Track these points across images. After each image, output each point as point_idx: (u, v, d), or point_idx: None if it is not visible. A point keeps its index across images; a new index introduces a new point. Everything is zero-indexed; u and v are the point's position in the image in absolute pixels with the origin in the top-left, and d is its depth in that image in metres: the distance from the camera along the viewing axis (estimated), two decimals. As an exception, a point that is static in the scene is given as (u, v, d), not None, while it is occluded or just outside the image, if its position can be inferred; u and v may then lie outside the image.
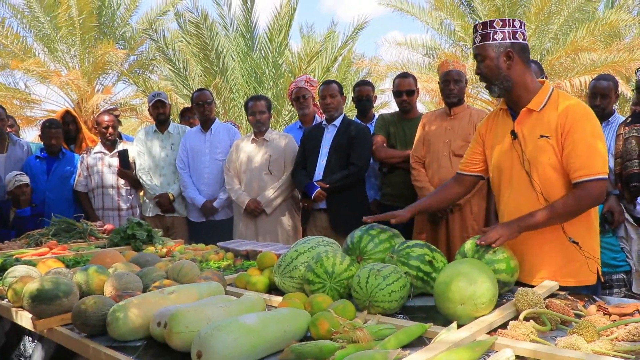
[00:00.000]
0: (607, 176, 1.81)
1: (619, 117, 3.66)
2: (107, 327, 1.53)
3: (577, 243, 1.88)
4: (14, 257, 2.45)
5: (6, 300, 1.94)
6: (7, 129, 4.56)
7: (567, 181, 1.86)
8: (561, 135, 1.82)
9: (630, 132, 3.05)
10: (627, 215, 3.03)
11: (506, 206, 2.01)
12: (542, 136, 1.86)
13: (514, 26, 1.89)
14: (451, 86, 3.24)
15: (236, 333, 1.30)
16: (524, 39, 1.91)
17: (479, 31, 1.91)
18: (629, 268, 3.04)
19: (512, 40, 1.88)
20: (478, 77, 1.98)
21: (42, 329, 1.68)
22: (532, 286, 1.76)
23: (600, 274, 1.94)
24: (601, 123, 3.62)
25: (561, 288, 1.82)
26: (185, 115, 5.31)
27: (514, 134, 1.93)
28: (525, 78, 1.91)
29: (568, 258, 1.89)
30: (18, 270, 2.06)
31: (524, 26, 1.95)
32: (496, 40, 1.87)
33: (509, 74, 1.89)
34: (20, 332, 1.93)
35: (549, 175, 1.86)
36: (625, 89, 9.87)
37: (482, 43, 1.90)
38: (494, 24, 1.88)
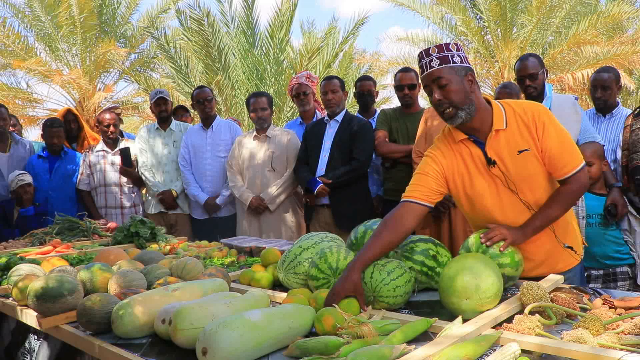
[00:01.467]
0: (585, 161, 1.82)
1: (622, 110, 3.64)
2: (112, 325, 1.53)
3: (572, 248, 1.92)
4: (18, 256, 2.46)
5: (11, 298, 1.96)
6: (10, 128, 4.57)
7: (554, 183, 1.87)
8: (538, 141, 1.79)
9: (637, 124, 3.04)
10: (630, 208, 3.02)
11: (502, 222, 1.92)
12: (520, 151, 1.80)
13: (461, 51, 1.81)
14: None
15: (241, 329, 1.30)
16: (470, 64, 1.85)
17: (434, 55, 1.77)
18: (632, 261, 3.03)
19: (466, 65, 1.80)
20: (435, 105, 1.82)
21: (48, 327, 1.68)
22: (537, 279, 1.75)
23: (579, 253, 1.99)
24: (604, 115, 3.64)
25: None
26: (178, 114, 5.28)
27: (490, 161, 1.82)
28: (481, 101, 1.83)
29: (552, 249, 1.91)
30: (23, 268, 2.07)
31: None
32: (456, 63, 1.77)
33: (473, 98, 1.79)
34: (25, 330, 1.94)
35: (541, 183, 1.84)
36: (628, 82, 9.83)
37: (444, 66, 1.75)
38: (450, 47, 1.78)
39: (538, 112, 1.80)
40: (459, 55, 1.78)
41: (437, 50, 1.77)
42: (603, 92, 3.54)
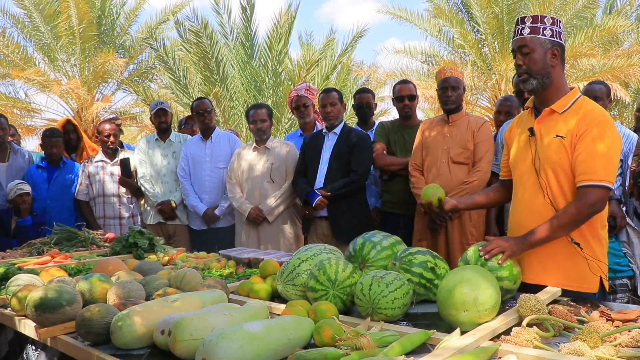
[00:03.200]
0: (609, 185, 1.80)
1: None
2: (111, 336, 1.53)
3: (578, 244, 1.89)
4: (16, 266, 2.45)
5: (9, 308, 1.95)
6: (9, 138, 4.57)
7: (572, 186, 1.88)
8: (575, 137, 1.85)
9: None
10: (628, 220, 3.05)
11: (519, 204, 2.05)
12: (557, 136, 1.89)
13: (559, 27, 1.93)
14: (449, 93, 3.26)
15: (240, 341, 1.30)
16: (564, 42, 1.96)
17: (528, 23, 1.91)
18: (632, 273, 3.04)
19: (558, 40, 1.91)
20: (517, 67, 1.96)
21: (46, 337, 1.68)
22: (535, 286, 1.77)
23: (605, 282, 1.94)
24: None
25: (564, 293, 1.83)
26: (188, 123, 5.31)
27: (531, 131, 1.97)
28: (560, 79, 1.95)
29: (572, 262, 1.90)
30: (21, 278, 2.06)
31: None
32: (545, 36, 1.90)
33: (551, 71, 1.91)
34: (23, 340, 1.93)
35: (558, 175, 1.89)
36: (624, 95, 9.91)
37: (532, 36, 1.90)
38: (545, 20, 1.90)
39: (596, 117, 1.86)
40: (550, 29, 1.90)
41: (531, 20, 1.91)
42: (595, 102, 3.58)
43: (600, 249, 1.94)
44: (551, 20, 1.91)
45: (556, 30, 1.91)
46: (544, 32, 1.90)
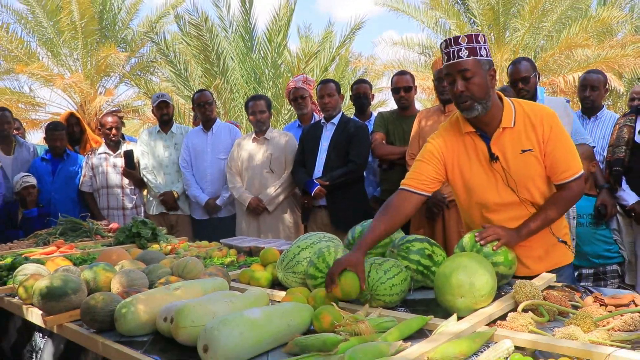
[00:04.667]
0: (583, 171, 1.86)
1: (607, 113, 3.70)
2: (115, 323, 1.56)
3: (565, 242, 1.96)
4: (23, 256, 2.49)
5: (17, 297, 1.99)
6: (14, 131, 4.60)
7: (551, 186, 1.91)
8: (543, 144, 1.82)
9: (625, 122, 3.13)
10: (619, 208, 3.08)
11: (497, 220, 1.93)
12: (524, 151, 1.82)
13: (486, 43, 1.79)
14: (445, 83, 3.27)
15: (241, 327, 1.32)
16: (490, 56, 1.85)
17: (464, 44, 1.74)
18: (622, 259, 3.09)
19: (490, 58, 1.79)
20: (455, 95, 1.79)
21: (52, 325, 1.71)
22: (529, 278, 1.79)
23: (572, 248, 2.04)
24: (589, 117, 3.72)
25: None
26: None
27: (492, 156, 1.84)
28: (495, 96, 1.84)
29: (546, 248, 1.95)
30: (28, 268, 2.10)
31: None
32: (482, 56, 1.75)
33: (491, 93, 1.80)
34: (31, 328, 1.96)
35: (539, 185, 1.88)
36: (618, 85, 9.92)
37: (472, 58, 1.73)
38: (479, 39, 1.76)
39: (548, 116, 1.83)
40: (484, 48, 1.77)
41: (466, 40, 1.75)
42: (592, 91, 3.61)
43: (565, 224, 2.03)
44: (483, 39, 1.77)
45: (487, 48, 1.78)
46: (481, 52, 1.75)
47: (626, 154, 3.03)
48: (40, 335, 1.93)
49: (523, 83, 3.23)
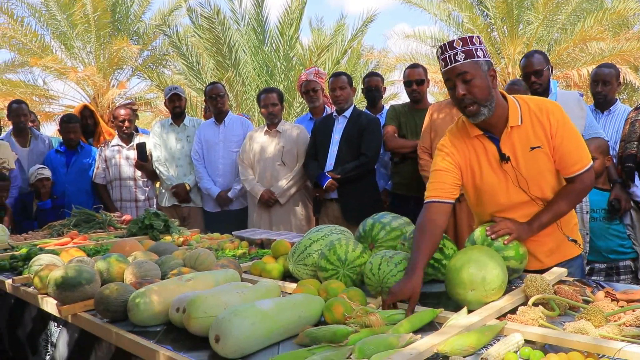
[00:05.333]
0: (592, 162, 1.84)
1: (621, 107, 3.65)
2: (128, 313, 1.58)
3: (575, 241, 1.95)
4: (38, 247, 2.54)
5: (32, 287, 2.02)
6: (29, 124, 4.67)
7: (561, 180, 1.89)
8: (551, 139, 1.80)
9: (637, 116, 3.07)
10: (632, 203, 3.05)
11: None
12: (533, 148, 1.81)
13: (483, 44, 1.77)
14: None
15: (252, 318, 1.33)
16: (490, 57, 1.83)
17: (459, 48, 1.72)
18: (635, 255, 3.05)
19: (488, 59, 1.77)
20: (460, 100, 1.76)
21: (67, 314, 1.75)
22: (541, 271, 1.78)
23: (581, 243, 2.02)
24: (602, 111, 3.66)
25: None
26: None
27: (503, 157, 1.83)
28: (499, 96, 1.82)
29: (557, 243, 1.95)
30: (43, 259, 2.14)
31: None
32: (480, 57, 1.73)
33: (494, 94, 1.78)
34: (46, 317, 2.00)
35: (549, 180, 1.86)
36: (634, 78, 9.75)
37: (469, 61, 1.71)
38: (474, 40, 1.74)
39: (553, 110, 1.81)
40: (481, 49, 1.74)
41: (461, 43, 1.72)
42: (604, 86, 3.55)
43: (572, 217, 2.01)
44: (478, 40, 1.75)
45: (484, 49, 1.75)
46: (477, 53, 1.72)
47: (638, 150, 2.98)
48: (55, 324, 1.96)
49: (536, 76, 3.20)
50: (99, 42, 10.94)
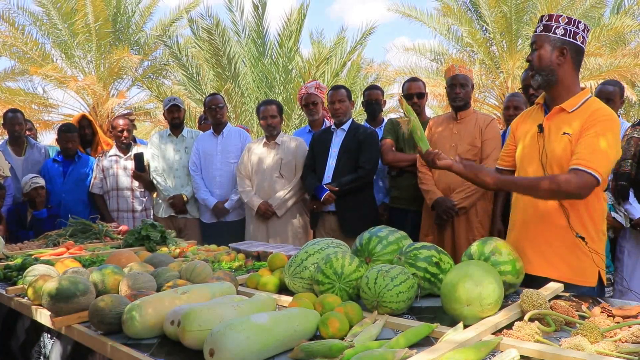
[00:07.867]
0: (599, 177, 1.80)
1: (622, 123, 3.67)
2: (123, 325, 1.56)
3: (583, 238, 1.91)
4: (33, 257, 2.52)
5: (26, 298, 2.00)
6: (26, 132, 4.67)
7: None
8: (581, 131, 1.86)
9: (632, 133, 3.11)
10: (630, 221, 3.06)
11: (522, 200, 2.07)
12: (564, 133, 1.91)
13: (577, 27, 1.93)
14: (457, 90, 3.28)
15: (248, 332, 1.33)
16: (582, 43, 1.95)
17: (543, 22, 1.95)
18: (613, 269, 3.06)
19: (571, 40, 1.92)
20: (527, 64, 2.02)
21: (60, 326, 1.73)
22: (538, 279, 1.78)
23: (603, 275, 1.98)
24: None
25: (566, 288, 1.85)
26: (208, 119, 5.23)
27: (540, 128, 1.98)
28: (570, 79, 1.95)
29: (574, 255, 1.94)
30: (37, 269, 2.12)
31: (588, 32, 1.98)
32: (556, 34, 1.92)
33: (556, 69, 1.93)
34: (39, 329, 1.98)
35: (564, 171, 1.88)
36: (631, 94, 9.87)
37: (542, 33, 1.94)
38: (559, 19, 1.93)
39: (602, 114, 1.88)
40: (564, 29, 1.91)
41: (547, 18, 1.95)
42: (607, 103, 3.57)
43: (600, 243, 1.97)
44: (566, 20, 1.92)
45: (571, 30, 1.91)
46: (556, 30, 1.91)
47: (632, 167, 3.01)
48: (49, 336, 1.95)
49: (534, 89, 3.22)
50: (99, 51, 10.99)
